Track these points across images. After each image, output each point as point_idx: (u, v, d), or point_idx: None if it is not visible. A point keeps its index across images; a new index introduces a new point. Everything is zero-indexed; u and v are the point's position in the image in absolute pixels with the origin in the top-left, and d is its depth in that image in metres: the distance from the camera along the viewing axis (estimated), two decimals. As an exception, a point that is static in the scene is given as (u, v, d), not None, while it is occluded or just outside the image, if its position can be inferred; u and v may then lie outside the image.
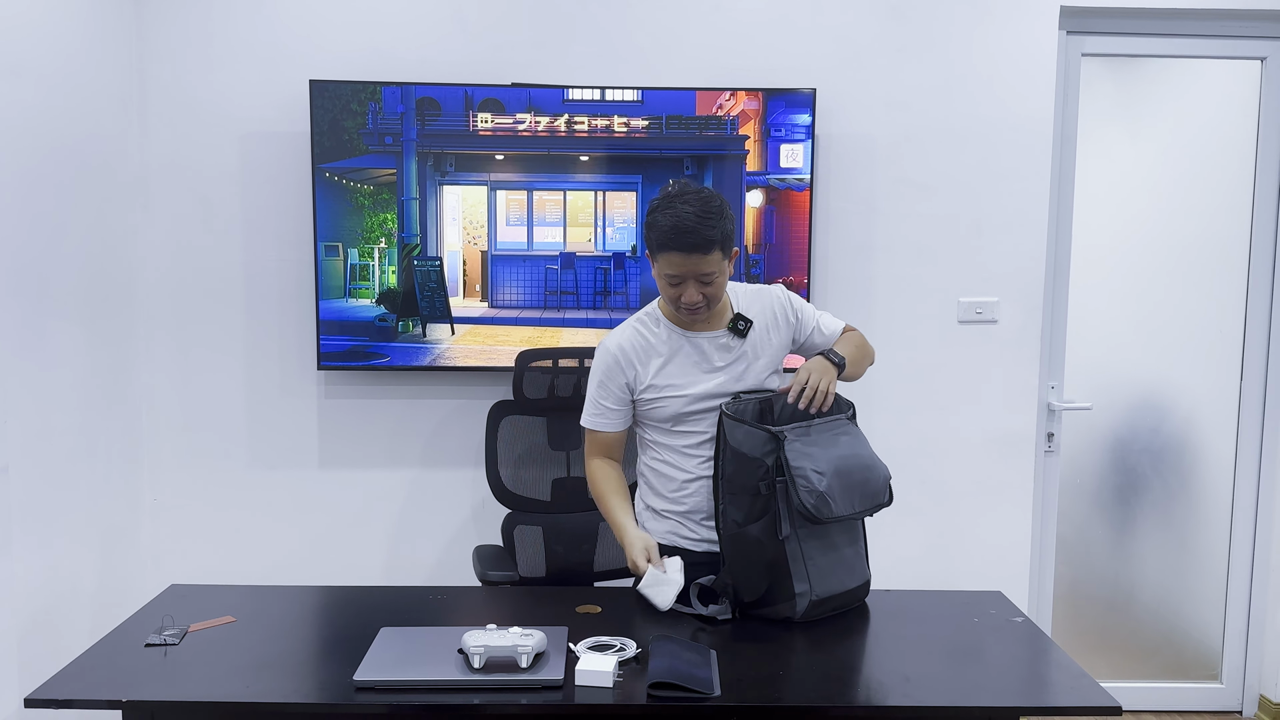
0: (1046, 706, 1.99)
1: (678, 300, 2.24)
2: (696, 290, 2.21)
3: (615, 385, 2.34)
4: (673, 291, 2.24)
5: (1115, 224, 3.53)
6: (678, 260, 2.19)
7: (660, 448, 2.38)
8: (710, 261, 2.19)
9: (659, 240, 2.20)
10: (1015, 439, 3.45)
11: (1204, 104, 3.52)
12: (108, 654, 2.04)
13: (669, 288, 2.25)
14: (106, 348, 3.10)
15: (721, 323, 2.34)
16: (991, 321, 3.41)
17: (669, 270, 2.21)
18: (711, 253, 2.18)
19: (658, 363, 2.31)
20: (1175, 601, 3.66)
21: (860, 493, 2.20)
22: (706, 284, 2.22)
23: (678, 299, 2.24)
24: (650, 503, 2.42)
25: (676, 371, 2.32)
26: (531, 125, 3.21)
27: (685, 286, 2.22)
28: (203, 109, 3.25)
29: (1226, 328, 3.57)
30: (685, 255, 2.18)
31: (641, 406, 2.36)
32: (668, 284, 2.24)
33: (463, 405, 3.37)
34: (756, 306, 2.38)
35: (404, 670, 1.90)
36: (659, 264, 2.23)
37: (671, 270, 2.21)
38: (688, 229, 2.16)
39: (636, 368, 2.32)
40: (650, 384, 2.32)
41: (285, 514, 3.39)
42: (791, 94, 3.22)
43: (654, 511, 2.41)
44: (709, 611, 2.20)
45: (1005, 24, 3.32)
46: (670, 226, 2.17)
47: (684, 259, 2.18)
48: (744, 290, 2.42)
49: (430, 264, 3.24)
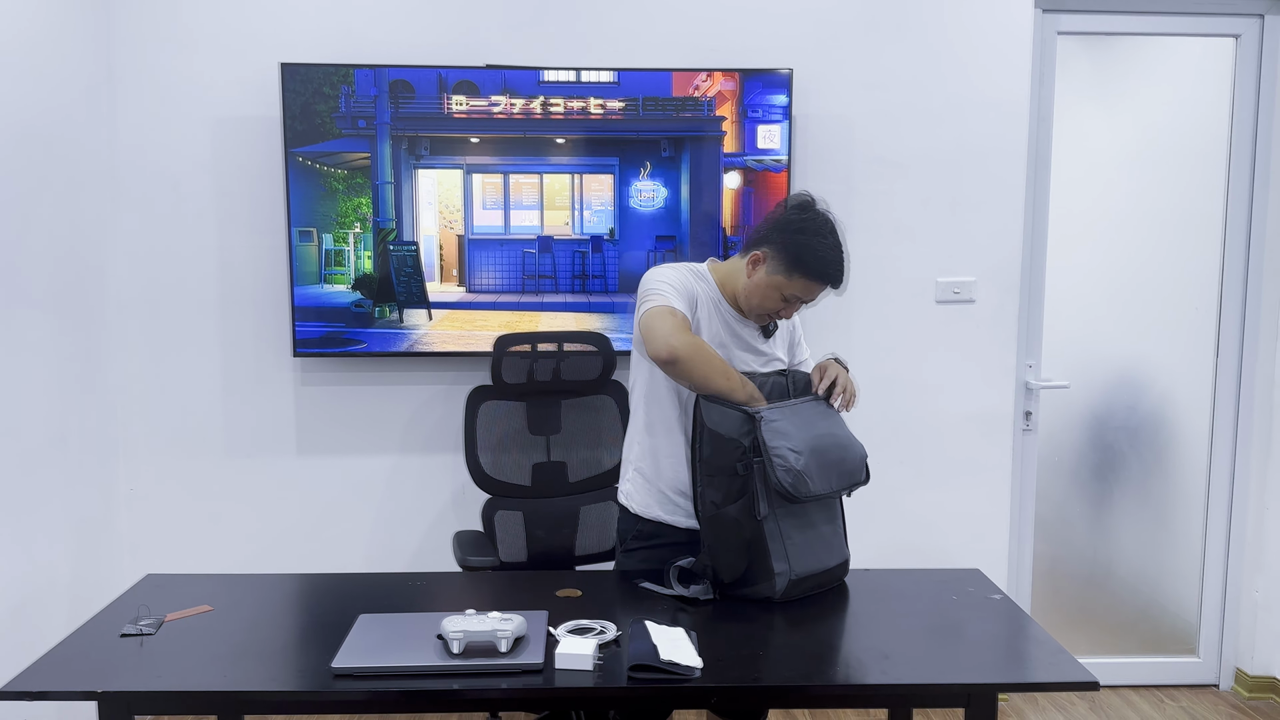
0: (1025, 683, 2.01)
1: (777, 312, 2.31)
2: (796, 311, 2.34)
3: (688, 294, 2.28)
4: (779, 305, 2.29)
5: (1091, 202, 3.54)
6: (813, 289, 2.27)
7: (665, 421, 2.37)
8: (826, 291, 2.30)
9: (809, 269, 2.23)
10: (993, 418, 3.46)
11: (1179, 82, 3.53)
12: (83, 645, 2.02)
13: (778, 300, 2.28)
14: (78, 336, 3.07)
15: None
16: (969, 301, 3.41)
17: (797, 293, 2.26)
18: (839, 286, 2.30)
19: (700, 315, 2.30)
20: (1152, 577, 3.69)
21: (837, 471, 2.21)
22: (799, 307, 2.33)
23: (778, 311, 2.31)
24: (645, 473, 2.40)
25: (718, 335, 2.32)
26: (507, 107, 3.18)
27: (794, 306, 2.30)
28: (172, 94, 3.21)
29: (1201, 305, 3.59)
30: (822, 287, 2.26)
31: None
32: (780, 298, 2.27)
33: (441, 391, 3.35)
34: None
35: (383, 656, 1.89)
36: (788, 284, 2.25)
37: (800, 294, 2.27)
38: (839, 265, 2.25)
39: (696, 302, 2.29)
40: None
41: (263, 502, 3.37)
42: (768, 75, 3.21)
43: (646, 480, 2.40)
44: (690, 592, 2.20)
45: (981, 3, 3.32)
46: (826, 261, 2.23)
47: (818, 289, 2.27)
48: None
49: (406, 249, 3.22)
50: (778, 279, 2.24)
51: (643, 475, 2.39)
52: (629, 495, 2.42)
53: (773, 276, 2.25)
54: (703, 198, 3.24)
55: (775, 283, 2.25)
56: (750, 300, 2.30)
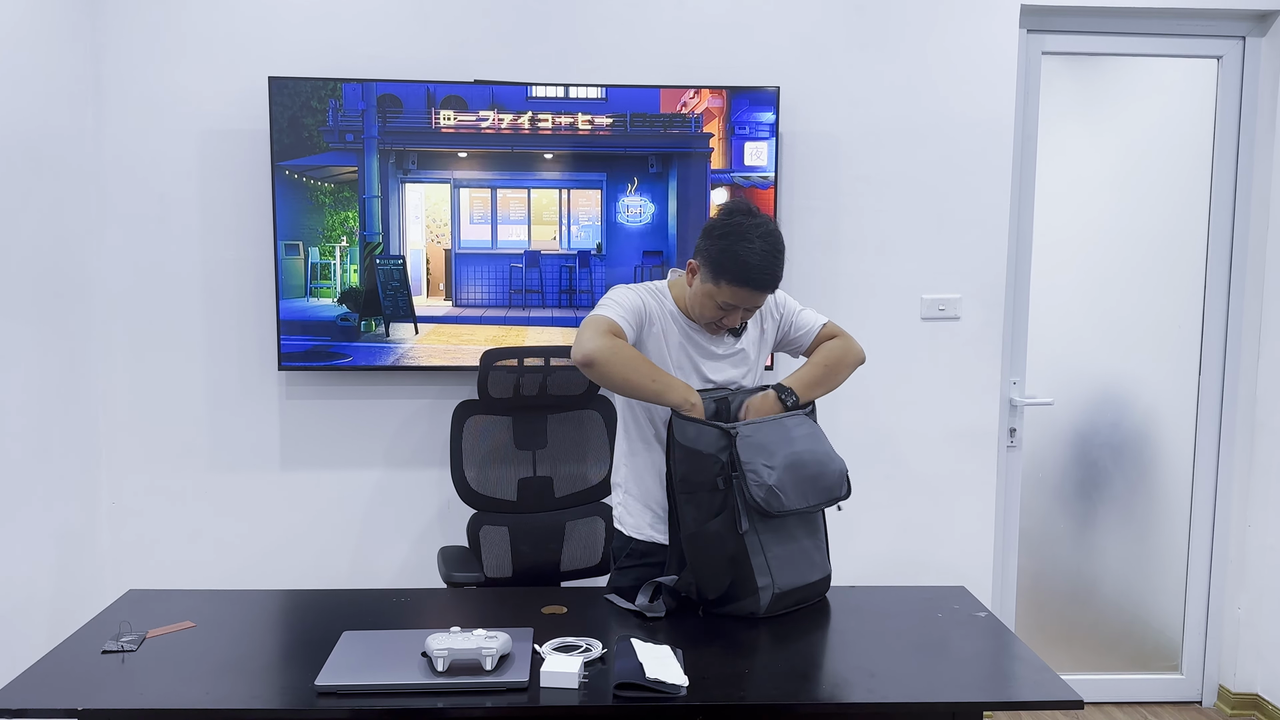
0: (1010, 701, 2.01)
1: (719, 320, 2.26)
2: (739, 319, 2.27)
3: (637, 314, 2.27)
4: (718, 314, 2.25)
5: (1075, 221, 3.57)
6: (743, 295, 2.20)
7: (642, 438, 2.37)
8: (765, 299, 2.25)
9: (733, 275, 2.17)
10: (978, 434, 3.48)
11: (1162, 102, 3.57)
12: (64, 661, 2.00)
13: (715, 309, 2.24)
14: (61, 348, 3.05)
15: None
16: (954, 318, 3.43)
17: (728, 300, 2.20)
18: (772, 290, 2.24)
19: (656, 330, 2.30)
20: (1136, 594, 3.71)
21: (814, 487, 2.21)
22: (751, 313, 2.28)
23: (719, 319, 2.26)
24: (634, 494, 2.40)
25: (673, 353, 2.31)
26: (495, 123, 3.19)
27: (735, 313, 2.25)
28: (160, 106, 3.20)
29: (1184, 323, 3.62)
30: (752, 292, 2.19)
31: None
32: (716, 306, 2.23)
33: (427, 405, 3.34)
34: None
35: (366, 674, 1.88)
36: (717, 291, 2.20)
37: (732, 301, 2.21)
38: (765, 270, 2.17)
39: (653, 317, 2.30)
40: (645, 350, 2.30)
41: (246, 517, 3.35)
42: (755, 92, 3.23)
43: (633, 498, 2.40)
44: (637, 605, 2.21)
45: (966, 23, 3.34)
46: (749, 265, 2.16)
47: (750, 295, 2.20)
48: None
49: (393, 262, 3.21)
50: (708, 287, 2.22)
51: (632, 497, 2.40)
52: (621, 519, 2.43)
53: (704, 285, 2.23)
54: (690, 213, 3.25)
55: (707, 290, 2.22)
56: (694, 310, 2.29)
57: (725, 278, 2.18)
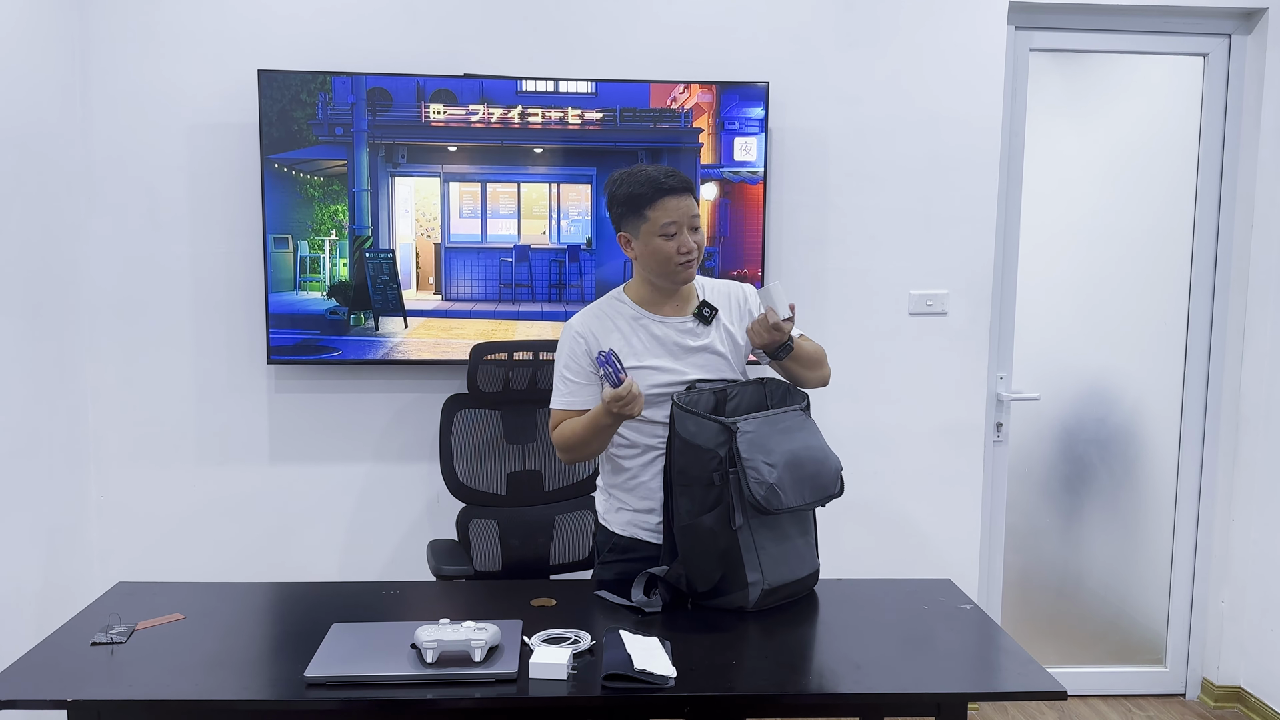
0: (995, 692, 2.03)
1: (675, 252, 2.27)
2: (690, 237, 2.28)
3: (580, 360, 2.33)
4: (669, 245, 2.26)
5: (1062, 217, 3.59)
6: (673, 205, 2.25)
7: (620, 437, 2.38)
8: (695, 205, 2.29)
9: (649, 191, 2.25)
10: (965, 429, 3.49)
11: (1149, 99, 3.59)
12: (53, 653, 2.01)
13: (665, 241, 2.26)
14: (50, 342, 3.04)
15: (687, 309, 2.36)
16: (941, 314, 3.45)
17: (667, 218, 2.25)
18: (694, 196, 2.29)
19: (617, 337, 2.32)
20: (1121, 588, 3.73)
21: (811, 484, 2.22)
22: (696, 230, 2.29)
23: (675, 250, 2.27)
24: (612, 490, 2.42)
25: (642, 349, 2.32)
26: (485, 117, 3.19)
27: (681, 234, 2.27)
28: (148, 99, 3.20)
29: (1170, 319, 3.64)
30: (679, 198, 2.26)
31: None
32: (664, 237, 2.26)
33: (416, 399, 3.35)
34: (721, 297, 2.42)
35: (356, 666, 1.89)
36: (652, 218, 2.25)
37: (669, 217, 2.25)
38: (669, 173, 2.28)
39: (599, 339, 2.32)
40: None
41: (235, 510, 3.35)
42: (745, 87, 3.24)
43: (614, 498, 2.41)
44: (636, 601, 2.21)
45: (955, 19, 3.36)
46: (655, 176, 2.26)
47: (678, 201, 2.26)
48: (710, 282, 2.45)
49: (382, 256, 3.21)
50: (642, 227, 2.27)
51: (615, 497, 2.42)
52: (605, 516, 2.45)
53: (641, 234, 2.28)
54: (679, 209, 3.25)
55: (646, 232, 2.27)
56: (658, 269, 2.31)
57: (644, 204, 2.26)
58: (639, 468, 2.35)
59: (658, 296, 2.36)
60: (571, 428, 2.31)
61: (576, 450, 2.33)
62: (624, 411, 2.18)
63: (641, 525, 2.37)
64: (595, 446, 2.31)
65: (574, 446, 2.32)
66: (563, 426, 2.33)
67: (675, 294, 2.37)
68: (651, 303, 2.36)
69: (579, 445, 2.31)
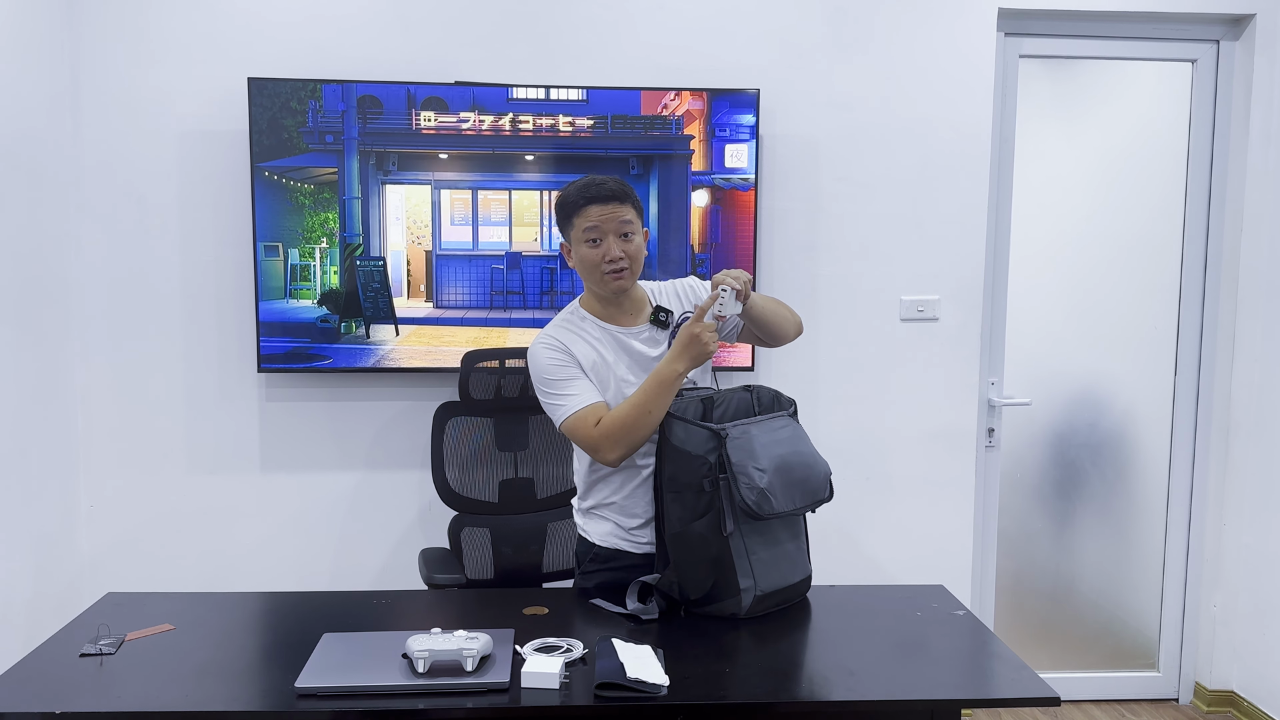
0: (988, 699, 2.03)
1: (600, 261, 2.24)
2: (618, 245, 2.24)
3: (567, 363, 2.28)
4: (594, 252, 2.24)
5: (1052, 222, 3.60)
6: (595, 212, 2.23)
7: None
8: (627, 211, 2.25)
9: (574, 199, 2.24)
10: (957, 435, 3.50)
11: (1138, 105, 3.60)
12: (41, 665, 1.99)
13: (590, 249, 2.25)
14: (39, 349, 3.03)
15: (642, 317, 2.35)
16: (933, 319, 3.45)
17: (588, 224, 2.23)
18: (627, 203, 2.25)
19: (588, 348, 2.30)
20: (1114, 593, 3.74)
21: (801, 489, 2.22)
22: (627, 239, 2.25)
23: (600, 259, 2.24)
24: (592, 511, 2.41)
25: (614, 360, 2.31)
26: (475, 124, 3.19)
27: (606, 242, 2.24)
28: (138, 107, 3.19)
29: (1160, 324, 3.65)
30: (603, 205, 2.23)
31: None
32: (588, 245, 2.25)
33: (408, 407, 3.34)
34: (672, 298, 2.40)
35: (347, 676, 1.87)
36: (577, 225, 2.25)
37: (590, 223, 2.23)
38: (600, 181, 2.25)
39: (571, 350, 2.29)
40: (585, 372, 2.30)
41: (226, 519, 3.33)
42: (736, 94, 3.24)
43: (594, 512, 2.40)
44: (631, 609, 2.20)
45: (945, 26, 3.37)
46: (585, 184, 2.25)
47: (601, 209, 2.23)
48: (658, 285, 2.44)
49: (373, 264, 3.21)
50: (571, 235, 2.28)
51: (594, 509, 2.40)
52: (584, 527, 2.43)
53: (572, 241, 2.29)
54: (671, 215, 3.26)
55: (575, 240, 2.27)
56: (587, 277, 2.30)
57: (572, 212, 2.26)
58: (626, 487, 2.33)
59: (609, 308, 2.34)
60: (620, 412, 2.19)
61: (636, 428, 2.18)
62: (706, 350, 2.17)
63: (622, 536, 2.36)
64: (657, 414, 2.18)
65: (631, 425, 2.17)
66: (605, 421, 2.21)
67: (627, 303, 2.34)
68: (606, 314, 2.34)
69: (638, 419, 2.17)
